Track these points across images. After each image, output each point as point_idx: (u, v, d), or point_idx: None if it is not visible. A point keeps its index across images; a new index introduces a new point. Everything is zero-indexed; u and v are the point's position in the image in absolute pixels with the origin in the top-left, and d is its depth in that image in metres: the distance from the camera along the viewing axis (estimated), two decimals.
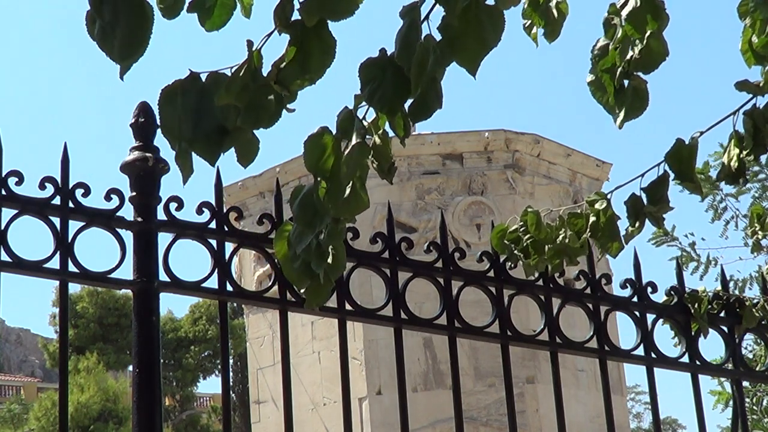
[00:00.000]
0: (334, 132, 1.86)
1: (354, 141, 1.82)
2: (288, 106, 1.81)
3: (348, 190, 1.84)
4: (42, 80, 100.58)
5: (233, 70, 1.76)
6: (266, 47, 1.80)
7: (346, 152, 1.82)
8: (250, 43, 1.77)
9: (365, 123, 1.86)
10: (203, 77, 1.78)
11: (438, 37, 1.77)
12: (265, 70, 1.78)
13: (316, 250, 1.94)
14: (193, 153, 1.81)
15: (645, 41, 2.18)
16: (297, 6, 1.71)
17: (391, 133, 1.90)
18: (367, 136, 1.86)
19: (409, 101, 1.80)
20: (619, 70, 2.26)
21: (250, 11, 1.80)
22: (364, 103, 1.83)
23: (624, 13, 2.18)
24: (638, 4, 2.15)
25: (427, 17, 1.75)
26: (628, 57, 2.21)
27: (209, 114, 1.78)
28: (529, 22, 2.44)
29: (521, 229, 2.97)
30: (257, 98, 1.76)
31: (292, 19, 1.74)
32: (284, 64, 1.76)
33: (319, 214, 1.90)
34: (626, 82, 2.30)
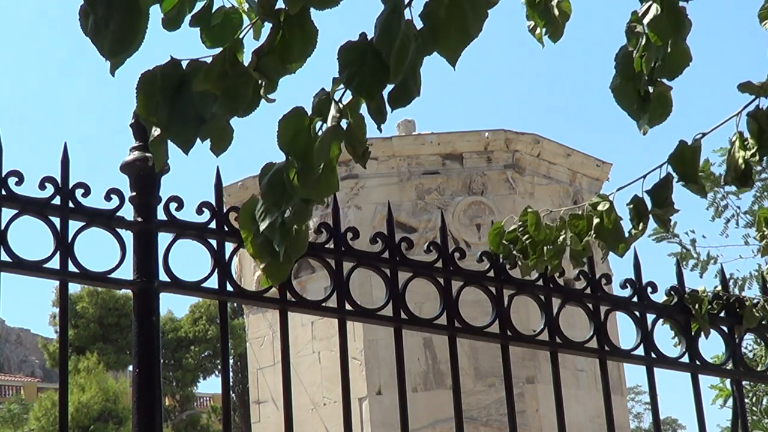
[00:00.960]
0: (309, 113, 1.85)
1: (329, 123, 1.81)
2: (268, 96, 1.80)
3: (319, 172, 1.83)
4: (42, 80, 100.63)
5: (213, 57, 1.75)
6: (249, 37, 1.80)
7: (320, 135, 1.82)
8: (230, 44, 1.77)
9: (341, 106, 1.85)
10: (184, 65, 1.77)
11: (419, 24, 1.76)
12: (246, 60, 1.78)
13: (280, 228, 1.94)
14: (169, 142, 1.80)
15: (668, 47, 2.17)
16: None
17: (370, 122, 1.89)
18: (343, 120, 1.85)
19: (388, 87, 1.79)
20: (645, 77, 2.25)
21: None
22: (341, 86, 1.82)
23: (646, 20, 2.17)
24: (660, 12, 2.14)
25: (409, 3, 1.74)
26: (652, 64, 2.21)
27: (187, 101, 1.76)
28: (533, 23, 2.44)
29: (520, 229, 2.97)
30: (235, 86, 1.75)
31: (276, 8, 1.73)
32: (265, 52, 1.75)
33: (287, 193, 1.89)
34: (650, 88, 2.30)
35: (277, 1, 1.71)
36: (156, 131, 1.78)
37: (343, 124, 1.85)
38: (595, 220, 2.84)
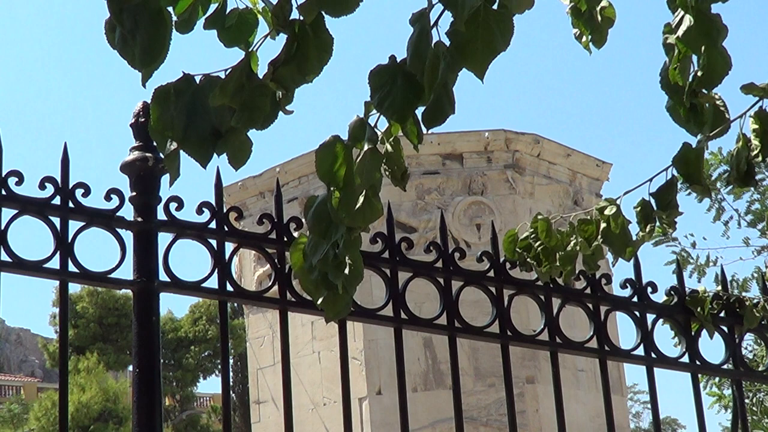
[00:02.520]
0: (345, 140, 1.85)
1: (366, 149, 1.82)
2: (286, 107, 1.80)
3: (361, 199, 1.84)
4: (42, 80, 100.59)
5: (228, 71, 1.76)
6: (264, 48, 1.80)
7: (359, 161, 1.82)
8: (246, 44, 1.77)
9: (378, 131, 1.86)
10: (197, 79, 1.78)
11: (448, 42, 1.77)
12: (262, 71, 1.78)
13: (334, 260, 1.92)
14: (183, 155, 1.79)
15: (705, 57, 2.17)
16: (295, 6, 1.71)
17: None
18: (379, 144, 1.86)
19: (422, 107, 1.79)
20: (686, 89, 2.25)
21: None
22: (374, 110, 1.83)
23: (679, 32, 2.16)
24: (692, 23, 2.13)
25: (436, 23, 1.75)
26: (692, 74, 2.21)
27: (203, 115, 1.77)
28: (578, 31, 2.45)
29: (532, 236, 2.97)
30: (252, 98, 1.75)
31: (290, 18, 1.74)
32: (281, 63, 1.75)
33: (333, 224, 1.89)
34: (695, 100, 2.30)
35: (291, 11, 1.72)
36: (171, 145, 1.78)
37: (380, 147, 1.86)
38: (602, 225, 2.85)
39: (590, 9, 2.39)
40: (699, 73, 2.20)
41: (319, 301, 2.03)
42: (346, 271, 1.94)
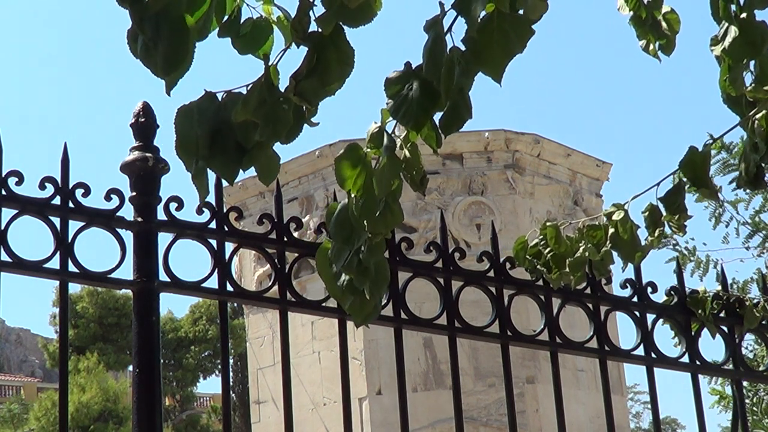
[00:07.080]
0: (364, 147, 1.86)
1: (384, 156, 1.82)
2: (311, 119, 1.80)
3: (381, 206, 1.84)
4: (42, 80, 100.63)
5: (250, 86, 1.75)
6: (284, 62, 1.80)
7: (378, 169, 1.82)
8: (266, 57, 1.77)
9: (396, 137, 1.87)
10: (219, 96, 1.77)
11: (462, 48, 1.77)
12: (282, 84, 1.78)
13: (358, 266, 1.93)
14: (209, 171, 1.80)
15: (758, 65, 2.18)
16: (314, 18, 1.71)
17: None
18: (398, 149, 1.87)
19: (439, 113, 1.80)
20: (743, 101, 2.26)
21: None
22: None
23: (725, 44, 2.16)
24: (737, 34, 2.14)
25: (450, 29, 1.75)
26: (747, 84, 2.23)
27: (227, 132, 1.77)
28: (645, 41, 2.45)
29: (541, 243, 2.97)
30: (275, 112, 1.75)
31: (309, 31, 1.74)
32: (302, 76, 1.75)
33: (356, 230, 1.90)
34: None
35: (309, 23, 1.72)
36: (197, 163, 1.78)
37: (399, 153, 1.87)
38: (610, 230, 2.84)
39: (653, 16, 2.39)
40: (753, 83, 2.22)
41: (347, 307, 2.04)
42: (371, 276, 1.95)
